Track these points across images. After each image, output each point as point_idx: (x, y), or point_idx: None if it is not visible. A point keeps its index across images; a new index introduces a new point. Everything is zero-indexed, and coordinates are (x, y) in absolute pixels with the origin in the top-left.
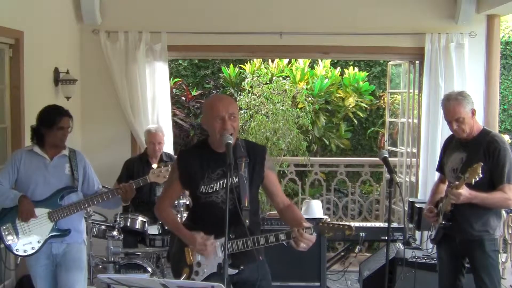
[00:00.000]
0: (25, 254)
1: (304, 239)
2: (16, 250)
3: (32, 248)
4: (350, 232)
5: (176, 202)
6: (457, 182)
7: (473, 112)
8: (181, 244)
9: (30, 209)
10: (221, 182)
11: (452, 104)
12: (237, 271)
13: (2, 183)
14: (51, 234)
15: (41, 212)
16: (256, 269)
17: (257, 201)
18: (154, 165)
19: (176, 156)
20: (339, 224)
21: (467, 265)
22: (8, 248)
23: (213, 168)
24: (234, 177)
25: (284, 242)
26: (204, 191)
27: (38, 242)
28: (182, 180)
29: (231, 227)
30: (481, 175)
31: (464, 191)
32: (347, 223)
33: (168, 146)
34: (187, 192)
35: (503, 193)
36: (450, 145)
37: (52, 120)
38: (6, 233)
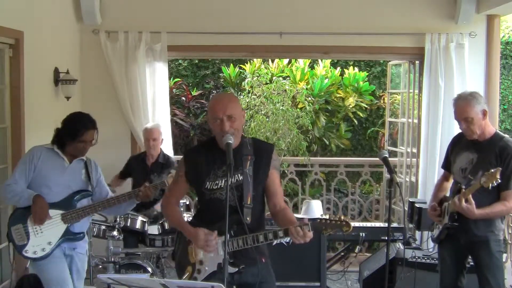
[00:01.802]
0: (35, 256)
1: (302, 237)
2: (25, 251)
3: (43, 250)
4: (347, 229)
5: None
6: (473, 182)
7: (484, 113)
8: (185, 242)
9: (44, 210)
10: (226, 179)
11: (461, 104)
12: (237, 269)
13: (18, 182)
14: (63, 237)
15: (55, 213)
16: (258, 271)
17: (263, 202)
18: (173, 170)
19: (173, 158)
20: (336, 220)
21: (468, 266)
22: (18, 249)
23: (219, 165)
24: (240, 175)
25: (284, 242)
26: (209, 187)
27: (49, 244)
28: (188, 176)
29: (233, 225)
30: (499, 180)
31: (476, 212)
32: (344, 219)
33: (167, 147)
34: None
35: (504, 204)
36: (459, 143)
37: (76, 132)
38: (17, 233)
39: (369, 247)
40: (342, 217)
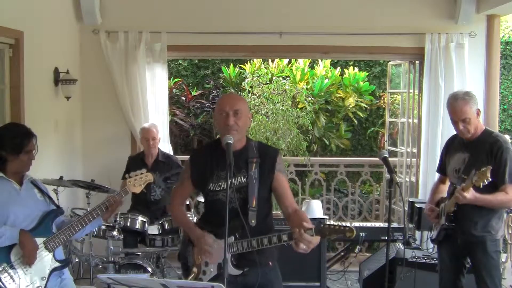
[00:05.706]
0: None
1: (303, 239)
2: None
3: None
4: (351, 234)
5: None
6: (463, 184)
7: (478, 113)
8: (191, 244)
9: (35, 248)
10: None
11: (460, 104)
12: (241, 271)
13: None
14: (53, 267)
15: (38, 242)
16: (263, 274)
17: (269, 204)
18: (127, 175)
19: (174, 156)
20: (340, 225)
21: (467, 266)
22: None
23: (222, 167)
24: (243, 177)
25: (284, 242)
26: (212, 188)
27: (43, 279)
28: (193, 178)
29: (238, 228)
30: (490, 179)
31: (470, 195)
32: (348, 225)
33: (165, 146)
34: None
35: (505, 194)
36: (452, 146)
37: (20, 145)
38: (5, 275)
39: (369, 247)
40: (345, 224)
